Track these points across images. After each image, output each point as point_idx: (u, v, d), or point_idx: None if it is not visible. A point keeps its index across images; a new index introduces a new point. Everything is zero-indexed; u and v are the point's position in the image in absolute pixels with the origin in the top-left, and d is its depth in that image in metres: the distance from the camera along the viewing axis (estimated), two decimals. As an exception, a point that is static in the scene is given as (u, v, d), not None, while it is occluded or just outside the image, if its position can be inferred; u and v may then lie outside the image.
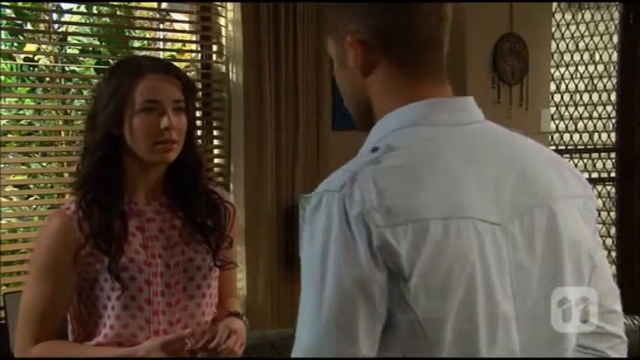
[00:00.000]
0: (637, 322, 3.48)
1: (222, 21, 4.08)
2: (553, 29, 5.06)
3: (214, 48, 4.13)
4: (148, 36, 4.32)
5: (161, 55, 4.36)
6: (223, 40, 4.08)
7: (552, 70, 5.09)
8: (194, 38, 4.18)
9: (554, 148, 5.10)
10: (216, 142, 4.16)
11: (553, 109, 5.17)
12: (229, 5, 4.01)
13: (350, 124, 5.43)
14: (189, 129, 2.04)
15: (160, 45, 4.38)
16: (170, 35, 4.27)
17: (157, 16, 4.24)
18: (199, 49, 4.19)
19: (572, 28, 5.38)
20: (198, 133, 4.16)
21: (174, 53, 4.50)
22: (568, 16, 5.37)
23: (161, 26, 4.23)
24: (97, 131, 2.00)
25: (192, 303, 2.05)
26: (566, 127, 5.43)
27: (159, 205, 2.07)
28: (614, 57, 5.47)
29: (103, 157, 1.99)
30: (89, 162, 2.00)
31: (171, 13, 4.22)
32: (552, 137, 5.17)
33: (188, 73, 4.23)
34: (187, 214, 2.07)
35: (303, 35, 4.05)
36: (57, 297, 1.99)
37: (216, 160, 4.15)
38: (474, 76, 4.50)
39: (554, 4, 5.06)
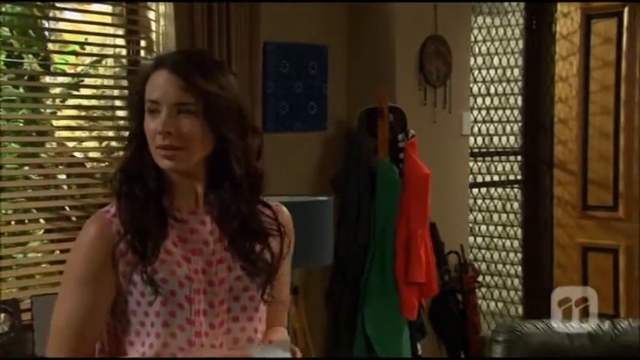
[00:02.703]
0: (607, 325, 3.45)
1: (151, 15, 3.85)
2: (476, 32, 5.10)
3: (142, 43, 3.89)
4: (65, 28, 3.99)
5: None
6: (153, 35, 3.85)
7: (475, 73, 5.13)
8: (120, 32, 3.91)
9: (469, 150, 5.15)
10: (144, 143, 3.89)
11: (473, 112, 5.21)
12: (160, -2, 3.79)
13: (281, 126, 5.34)
14: (222, 140, 1.79)
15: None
16: (94, 28, 3.96)
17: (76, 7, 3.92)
18: (125, 43, 3.92)
19: (484, 32, 5.46)
20: (126, 134, 3.91)
21: (76, 47, 4.19)
22: (480, 20, 5.45)
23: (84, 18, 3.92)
24: (130, 125, 1.85)
25: (236, 326, 1.84)
26: (479, 130, 5.49)
27: (204, 213, 1.86)
28: (520, 62, 5.58)
29: (135, 153, 1.82)
30: (124, 156, 1.85)
31: (94, 5, 3.92)
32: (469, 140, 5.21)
33: (112, 70, 4.02)
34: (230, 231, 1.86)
35: (236, 33, 3.89)
36: (94, 311, 1.79)
37: (144, 163, 3.88)
38: (402, 78, 4.46)
39: (478, 8, 5.10)
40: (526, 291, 5.67)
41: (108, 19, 3.93)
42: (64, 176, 3.95)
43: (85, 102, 3.96)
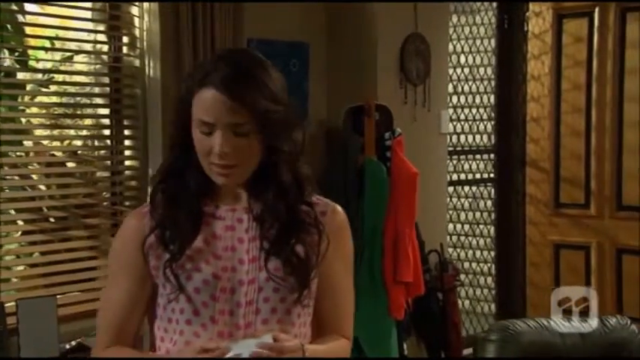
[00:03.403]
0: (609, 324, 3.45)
1: (135, 10, 3.76)
2: (450, 31, 5.10)
3: (125, 39, 3.80)
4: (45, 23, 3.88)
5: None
6: (136, 32, 3.77)
7: (451, 72, 5.13)
8: (101, 28, 3.81)
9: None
10: (127, 142, 3.83)
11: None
12: (142, -6, 3.71)
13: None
14: (274, 151, 1.75)
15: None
16: (75, 24, 3.84)
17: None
18: (106, 39, 3.83)
19: (458, 30, 5.47)
20: (106, 132, 3.84)
21: (55, 43, 4.08)
22: (454, 19, 5.45)
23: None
24: (173, 129, 1.82)
25: (264, 328, 1.77)
26: (454, 128, 5.50)
27: (244, 211, 1.82)
28: (492, 60, 5.60)
29: (179, 155, 1.81)
30: (167, 157, 1.85)
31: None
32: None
33: (93, 67, 3.91)
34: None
35: (220, 30, 3.83)
36: (132, 301, 1.84)
37: (127, 162, 3.83)
38: (383, 76, 4.44)
39: (451, 7, 5.10)
40: (499, 289, 5.70)
41: (89, 15, 3.82)
42: (44, 175, 3.84)
43: (64, 99, 3.85)
